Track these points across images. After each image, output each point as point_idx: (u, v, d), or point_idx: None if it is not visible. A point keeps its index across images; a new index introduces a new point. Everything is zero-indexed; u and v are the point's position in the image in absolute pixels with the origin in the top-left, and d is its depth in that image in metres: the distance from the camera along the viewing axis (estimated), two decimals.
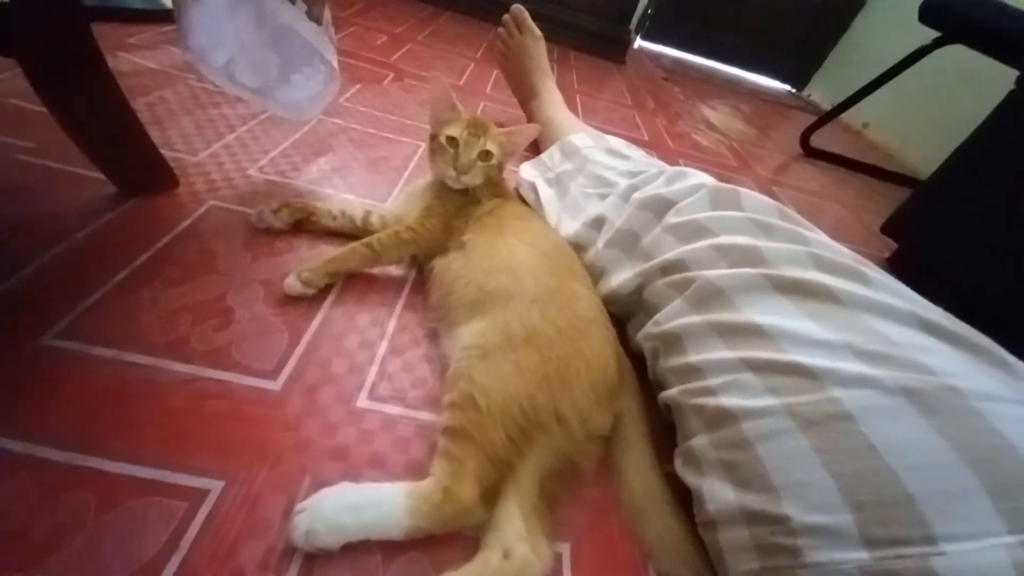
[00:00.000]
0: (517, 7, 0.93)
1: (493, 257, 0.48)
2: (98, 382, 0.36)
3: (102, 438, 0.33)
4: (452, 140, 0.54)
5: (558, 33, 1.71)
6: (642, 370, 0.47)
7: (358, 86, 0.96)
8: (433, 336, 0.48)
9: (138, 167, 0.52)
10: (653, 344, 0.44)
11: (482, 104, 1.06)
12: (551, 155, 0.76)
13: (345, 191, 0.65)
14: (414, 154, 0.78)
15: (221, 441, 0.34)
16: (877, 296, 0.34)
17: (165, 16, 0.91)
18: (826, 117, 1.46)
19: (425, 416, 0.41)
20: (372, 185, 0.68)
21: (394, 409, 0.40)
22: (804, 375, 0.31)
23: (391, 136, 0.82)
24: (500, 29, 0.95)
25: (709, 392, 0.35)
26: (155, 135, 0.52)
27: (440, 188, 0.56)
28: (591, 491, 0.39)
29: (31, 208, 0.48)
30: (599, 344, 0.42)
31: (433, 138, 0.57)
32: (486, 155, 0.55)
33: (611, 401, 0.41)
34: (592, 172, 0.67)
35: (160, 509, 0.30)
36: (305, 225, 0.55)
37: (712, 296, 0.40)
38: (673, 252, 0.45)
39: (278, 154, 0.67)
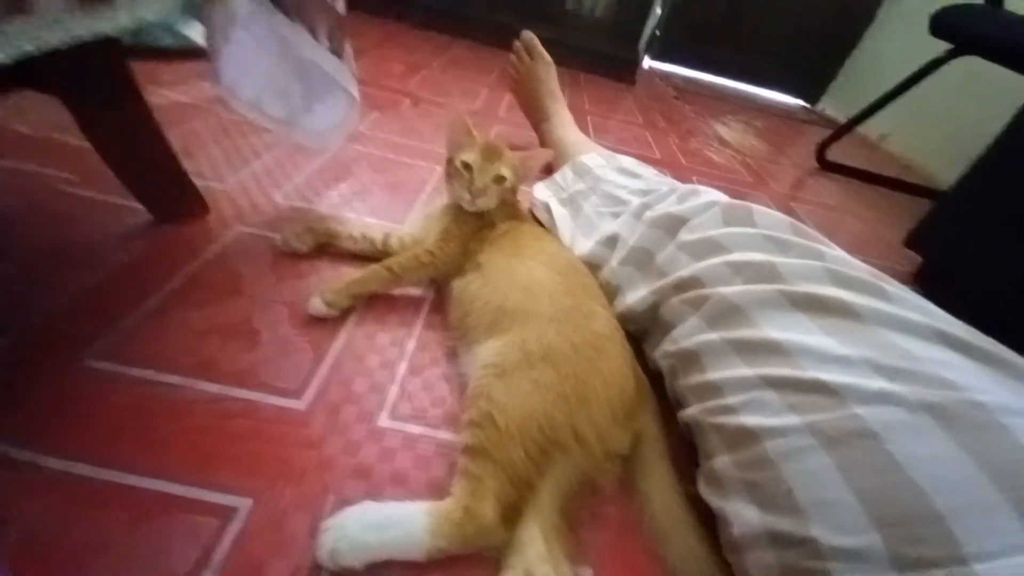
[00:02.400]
0: (527, 34, 0.96)
1: (510, 277, 0.49)
2: (131, 401, 0.37)
3: (134, 455, 0.34)
4: (467, 165, 0.56)
5: (568, 56, 1.75)
6: (660, 388, 0.46)
7: (377, 113, 1.00)
8: (452, 355, 0.49)
9: (171, 195, 0.54)
10: (670, 362, 0.44)
11: (495, 127, 1.09)
12: (563, 175, 0.77)
13: (366, 214, 0.67)
14: (430, 177, 0.81)
15: (248, 459, 0.35)
16: (896, 311, 0.34)
17: (196, 53, 0.97)
18: (841, 130, 1.46)
19: (445, 435, 0.41)
20: (391, 208, 0.70)
21: (415, 428, 0.41)
22: (825, 392, 0.31)
23: (408, 160, 0.84)
24: (512, 56, 0.98)
25: (729, 410, 0.35)
26: (186, 165, 0.55)
27: (456, 211, 0.58)
28: (612, 511, 0.39)
29: (74, 236, 0.50)
30: (616, 361, 0.42)
31: (449, 163, 0.59)
32: (500, 179, 0.57)
33: (629, 419, 0.41)
34: (604, 191, 0.68)
35: (190, 526, 0.31)
36: (328, 248, 0.57)
37: (728, 313, 0.40)
38: (687, 269, 0.45)
39: (302, 180, 0.70)
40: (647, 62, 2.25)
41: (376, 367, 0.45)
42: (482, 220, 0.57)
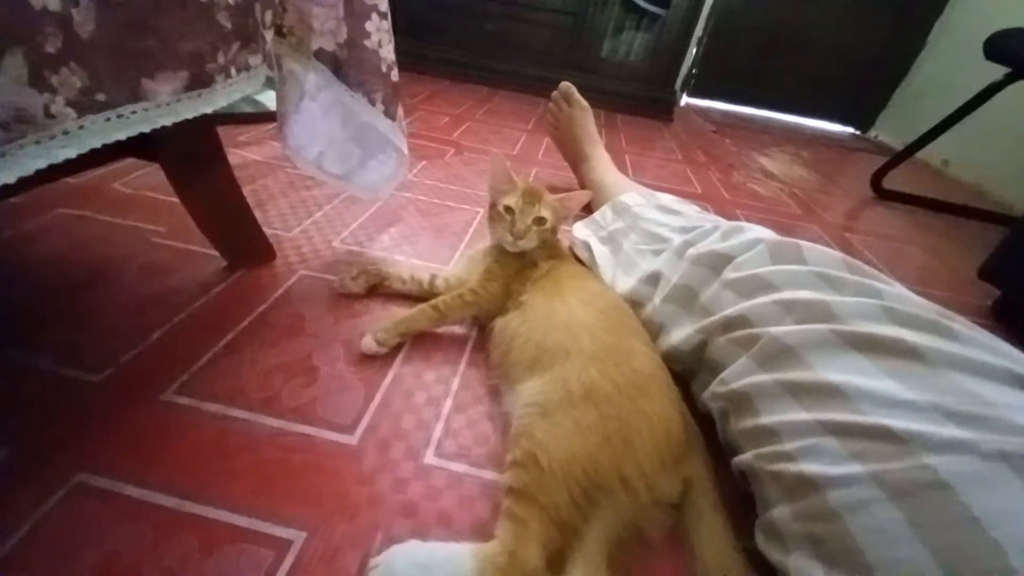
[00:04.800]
0: (565, 84, 1.01)
1: (551, 316, 0.50)
2: (205, 434, 0.40)
3: (206, 486, 0.37)
4: (509, 209, 0.59)
5: (604, 100, 1.81)
6: (710, 432, 0.45)
7: (424, 162, 1.07)
8: (495, 394, 0.49)
9: (245, 245, 0.61)
10: (721, 404, 0.43)
11: (535, 170, 1.13)
12: (603, 214, 0.79)
13: (414, 256, 0.71)
14: (473, 220, 0.84)
15: (305, 493, 0.37)
16: (965, 351, 0.31)
17: (268, 117, 1.09)
18: (899, 157, 1.39)
19: (489, 475, 0.41)
20: (437, 250, 0.74)
21: (459, 467, 0.41)
22: (890, 439, 0.29)
23: (453, 204, 0.89)
24: (550, 104, 1.04)
25: (787, 457, 0.33)
26: (258, 215, 0.61)
27: (499, 252, 0.60)
28: (662, 564, 0.37)
29: (161, 283, 0.57)
30: (660, 402, 0.42)
31: (492, 207, 0.62)
32: (540, 221, 0.59)
33: (678, 464, 0.39)
34: (644, 229, 0.68)
35: (251, 556, 0.33)
36: (379, 289, 0.61)
37: (780, 354, 0.38)
38: (734, 308, 0.44)
39: (356, 227, 0.75)
40: (684, 99, 2.27)
41: (422, 404, 0.47)
42: (524, 260, 0.59)
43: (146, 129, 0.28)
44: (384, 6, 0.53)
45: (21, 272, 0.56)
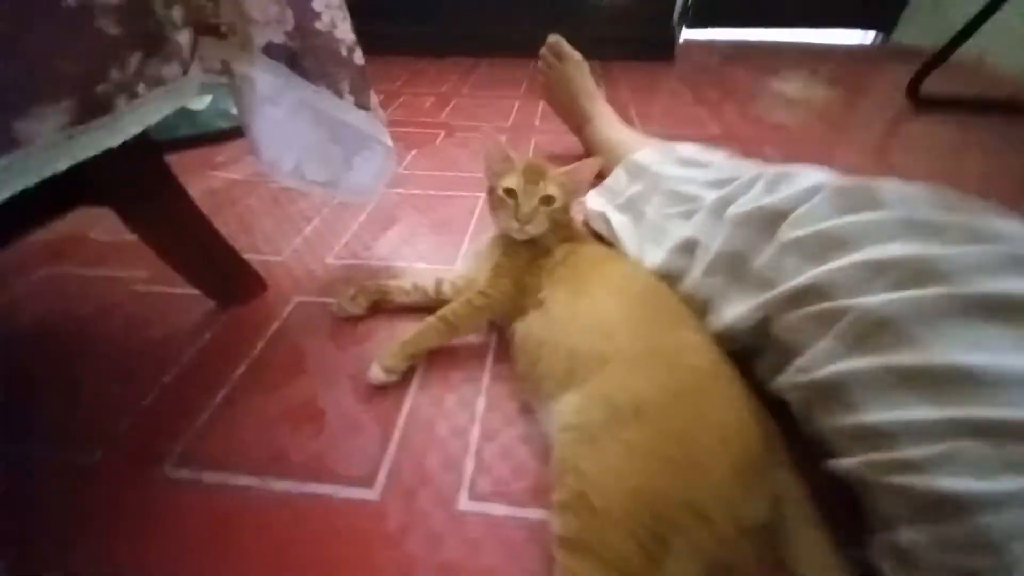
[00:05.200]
0: (553, 37, 0.90)
1: (577, 314, 0.43)
2: (210, 510, 0.36)
3: (216, 571, 0.32)
4: (510, 191, 0.51)
5: (598, 49, 1.66)
6: (780, 414, 0.37)
7: (414, 151, 0.99)
8: (526, 410, 0.43)
9: (229, 279, 0.55)
10: (802, 395, 0.35)
11: (533, 141, 1.04)
12: (616, 178, 0.70)
13: (416, 260, 0.64)
14: (475, 208, 0.77)
15: (325, 566, 0.32)
16: None
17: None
18: (938, 58, 1.23)
19: (534, 514, 0.36)
20: (439, 248, 0.67)
21: (499, 509, 0.36)
22: None
23: (451, 193, 0.81)
24: (539, 62, 0.93)
25: (912, 468, 0.26)
26: (244, 241, 0.56)
27: (506, 243, 0.53)
28: None
29: (148, 336, 0.52)
30: (730, 406, 0.35)
31: (491, 192, 0.54)
32: (548, 200, 0.51)
33: (761, 480, 0.32)
34: (668, 189, 0.60)
35: None
36: (382, 305, 0.54)
37: (876, 331, 0.31)
38: (802, 276, 0.36)
39: (350, 237, 0.69)
40: (684, 34, 2.09)
41: (447, 436, 0.41)
42: (536, 248, 0.52)
43: (30, 183, 0.22)
44: None
45: (6, 347, 0.52)
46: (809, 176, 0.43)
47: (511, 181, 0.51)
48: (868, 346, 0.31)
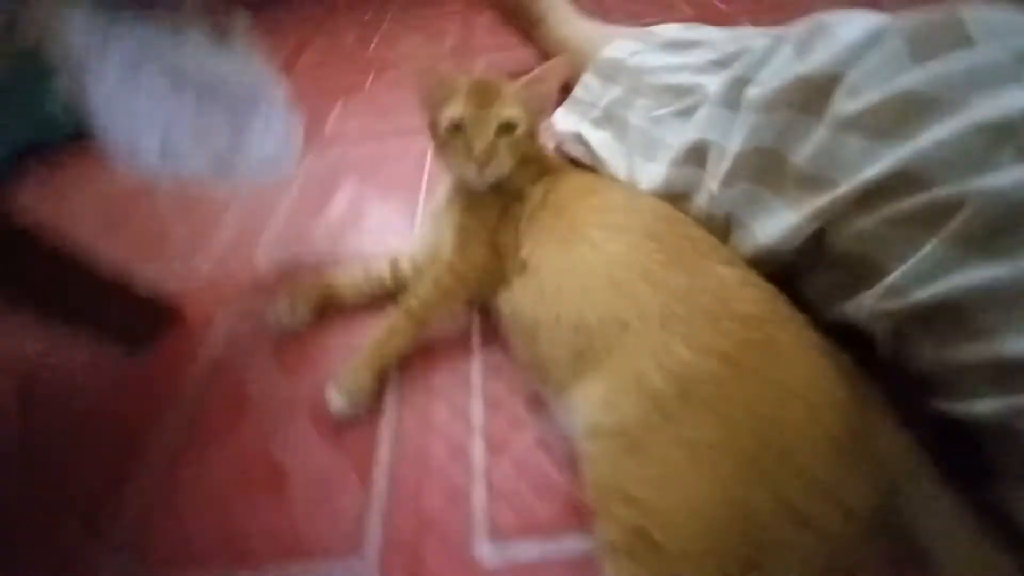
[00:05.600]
0: None
1: (574, 270, 0.32)
2: None
3: None
4: (456, 124, 0.38)
5: None
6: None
7: (340, 101, 0.82)
8: (537, 401, 0.34)
9: (134, 316, 0.43)
10: (896, 324, 0.26)
11: (482, 63, 0.87)
12: (586, 86, 0.57)
13: (365, 239, 0.52)
14: (425, 157, 0.63)
15: None
16: None
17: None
18: None
19: (574, 544, 0.27)
20: (391, 217, 0.55)
21: (530, 549, 0.28)
22: None
23: (394, 145, 0.67)
24: None
25: None
26: (151, 257, 0.44)
27: (465, 195, 0.41)
28: None
29: (54, 410, 0.41)
30: (802, 361, 0.26)
31: (433, 129, 0.41)
32: (507, 127, 0.39)
33: (865, 452, 0.24)
34: (655, 85, 0.47)
35: None
36: (331, 306, 0.43)
37: (1013, 223, 0.21)
38: (880, 163, 0.26)
39: (280, 224, 0.56)
40: None
41: (445, 462, 0.32)
42: (504, 195, 0.40)
43: None
44: None
45: None
46: (856, 23, 0.31)
47: (455, 109, 0.38)
48: (1001, 247, 0.22)
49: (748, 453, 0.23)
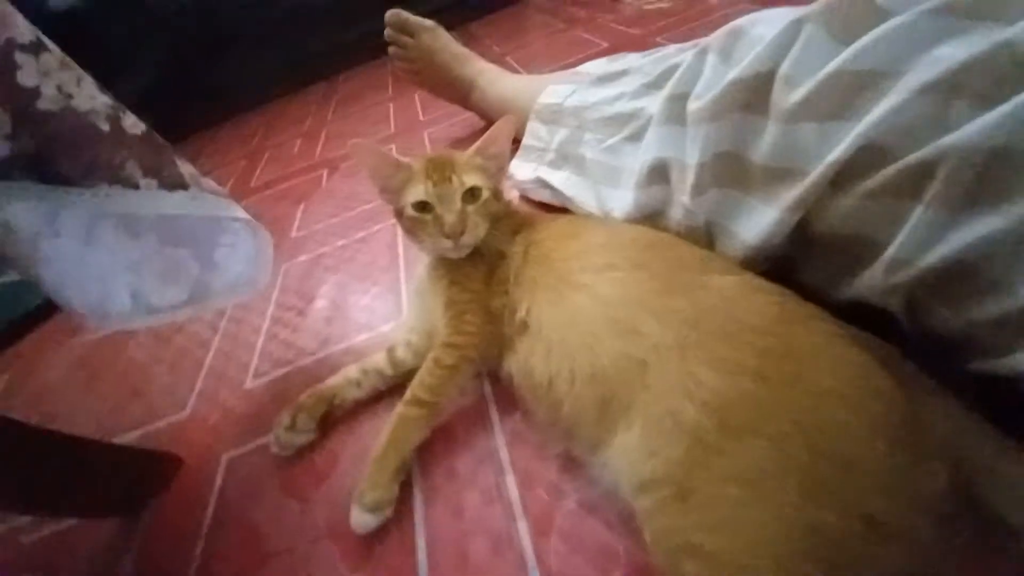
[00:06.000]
0: (391, 13, 0.76)
1: (575, 321, 0.31)
2: None
3: None
4: (422, 205, 0.38)
5: (447, 12, 1.52)
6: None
7: (302, 205, 0.83)
8: (569, 459, 0.32)
9: (128, 479, 0.40)
10: (911, 294, 0.26)
11: (426, 136, 0.90)
12: (534, 133, 0.59)
13: (354, 332, 0.51)
14: (395, 235, 0.64)
15: None
16: None
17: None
18: None
19: None
20: (375, 304, 0.54)
21: None
22: None
23: (363, 233, 0.68)
24: (391, 48, 0.79)
25: None
26: (137, 408, 0.43)
27: (447, 269, 0.40)
28: None
29: None
30: (832, 356, 0.24)
31: (399, 215, 0.41)
32: (472, 194, 0.39)
33: (925, 435, 0.22)
34: (597, 119, 0.49)
35: None
36: (334, 414, 0.41)
37: (994, 172, 0.21)
38: (842, 143, 0.26)
39: (263, 342, 0.54)
40: None
41: (487, 556, 0.29)
42: (485, 260, 0.40)
43: None
44: (26, 34, 0.30)
45: None
46: (770, 21, 0.32)
47: (417, 192, 0.39)
48: (986, 199, 0.21)
49: (806, 470, 0.21)
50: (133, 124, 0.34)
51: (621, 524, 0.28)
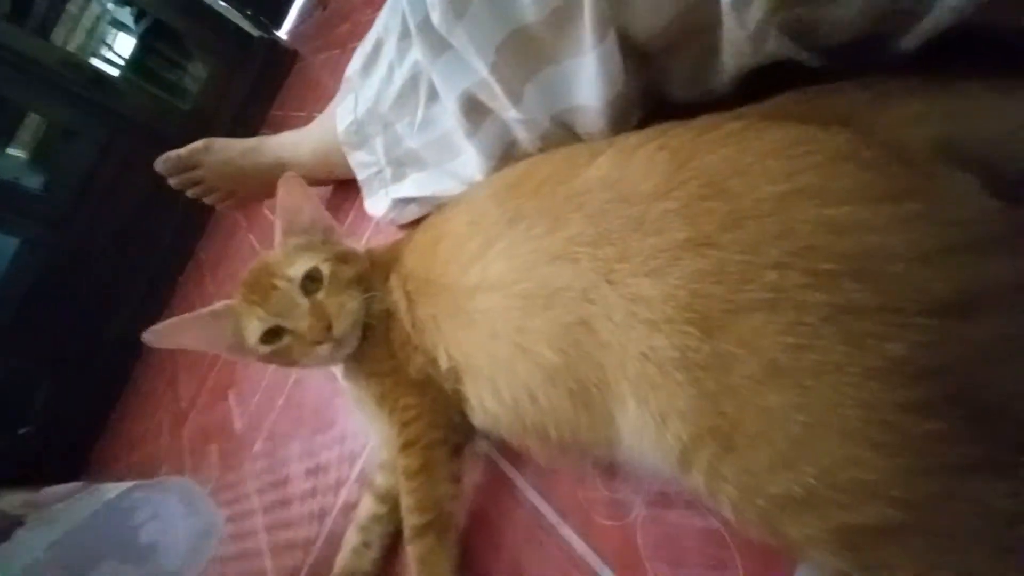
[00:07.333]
0: (158, 163, 0.67)
1: (493, 329, 0.25)
2: None
3: None
4: (269, 333, 0.31)
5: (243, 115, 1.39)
6: None
7: (231, 392, 0.74)
8: (608, 469, 0.25)
9: None
10: (781, 29, 0.19)
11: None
12: (358, 162, 0.52)
13: (342, 487, 0.43)
14: (331, 387, 0.55)
15: None
16: None
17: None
18: None
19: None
20: (347, 440, 0.46)
21: None
22: None
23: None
24: (190, 190, 0.70)
25: None
26: None
27: (355, 365, 0.33)
28: None
29: None
30: (751, 157, 0.18)
31: (261, 359, 0.33)
32: (311, 279, 0.32)
33: (922, 211, 0.15)
34: (391, 105, 0.43)
35: None
36: None
37: None
38: None
39: (271, 559, 0.47)
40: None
41: None
42: (377, 330, 0.32)
43: None
44: None
45: None
46: None
47: (252, 325, 0.31)
48: None
49: (829, 301, 0.15)
50: None
51: (690, 510, 0.22)
